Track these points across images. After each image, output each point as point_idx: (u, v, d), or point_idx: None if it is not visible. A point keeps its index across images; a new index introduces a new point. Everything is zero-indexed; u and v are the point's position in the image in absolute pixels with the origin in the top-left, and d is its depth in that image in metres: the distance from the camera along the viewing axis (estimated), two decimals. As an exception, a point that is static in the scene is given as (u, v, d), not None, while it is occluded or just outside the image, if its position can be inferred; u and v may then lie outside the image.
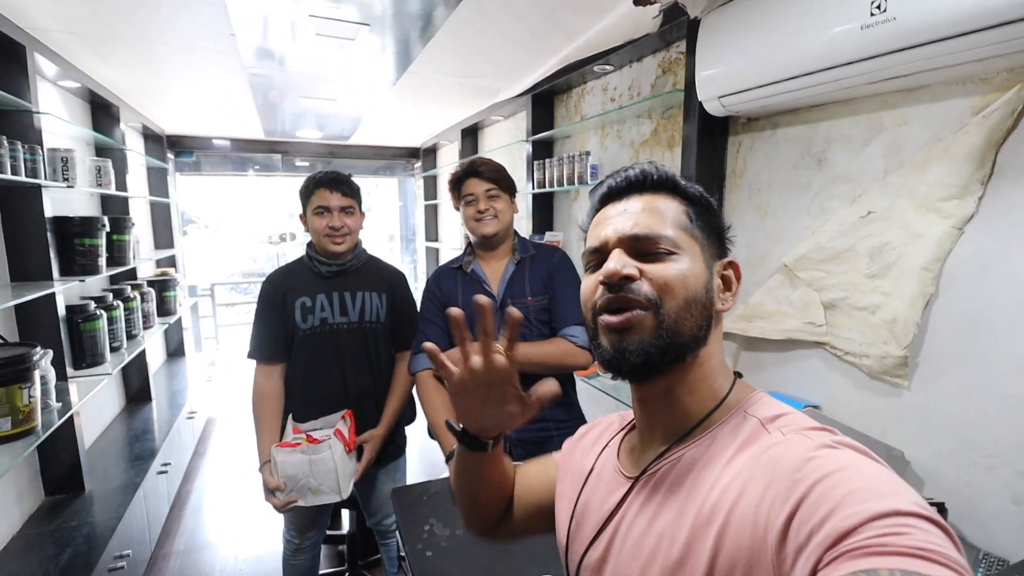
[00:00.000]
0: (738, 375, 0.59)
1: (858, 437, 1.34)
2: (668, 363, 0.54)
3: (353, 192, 1.62)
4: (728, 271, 0.59)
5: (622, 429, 0.67)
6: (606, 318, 0.55)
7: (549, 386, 0.58)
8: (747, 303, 1.67)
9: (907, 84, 1.20)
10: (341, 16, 1.84)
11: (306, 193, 1.61)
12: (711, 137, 1.74)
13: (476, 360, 0.56)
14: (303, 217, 1.65)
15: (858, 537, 0.37)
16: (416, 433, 1.91)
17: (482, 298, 0.54)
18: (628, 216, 0.57)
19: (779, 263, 1.58)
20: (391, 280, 1.73)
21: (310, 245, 1.67)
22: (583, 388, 2.32)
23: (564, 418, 1.56)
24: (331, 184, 1.58)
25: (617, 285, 0.54)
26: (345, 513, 2.35)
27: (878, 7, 1.03)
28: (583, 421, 1.59)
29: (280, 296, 1.62)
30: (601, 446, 0.67)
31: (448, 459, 1.42)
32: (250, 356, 1.65)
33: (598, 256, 0.58)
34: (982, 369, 1.16)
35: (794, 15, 1.23)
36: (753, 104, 1.47)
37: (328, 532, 2.15)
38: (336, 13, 1.81)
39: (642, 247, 0.55)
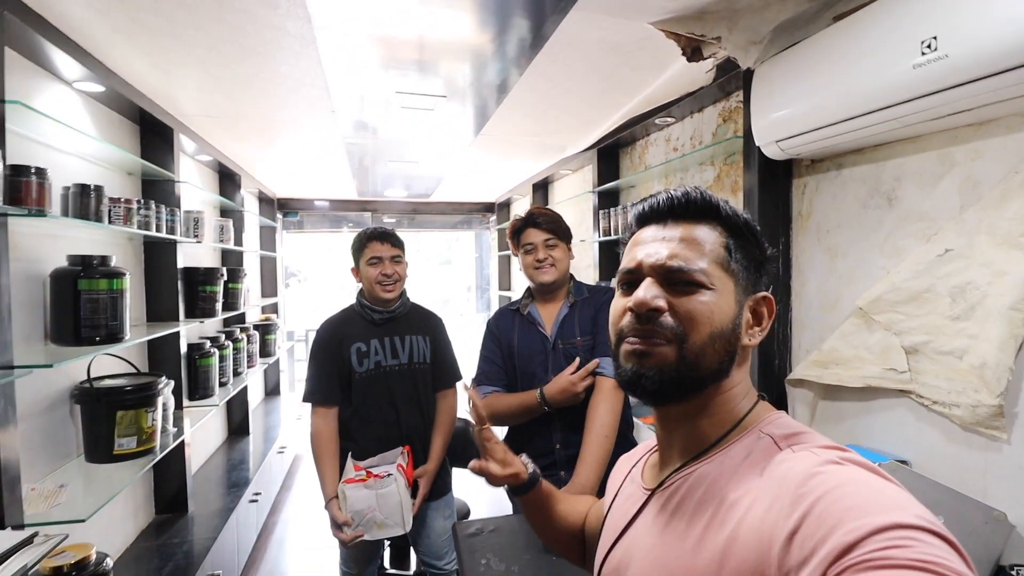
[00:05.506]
0: (761, 397, 0.60)
1: (953, 497, 1.21)
2: (684, 393, 0.55)
3: (399, 243, 1.79)
4: (761, 306, 0.59)
5: (650, 449, 0.70)
6: (630, 341, 0.57)
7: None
8: (821, 349, 1.59)
9: (976, 117, 1.16)
10: (421, 90, 2.09)
11: (359, 247, 1.78)
12: (774, 181, 1.74)
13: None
14: (355, 270, 1.81)
15: (860, 551, 0.37)
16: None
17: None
18: (665, 244, 0.57)
19: (852, 306, 1.50)
20: (433, 324, 1.87)
21: (360, 293, 1.82)
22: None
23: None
24: (381, 237, 1.75)
25: (645, 316, 0.55)
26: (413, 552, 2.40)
27: (928, 46, 1.03)
28: None
29: (336, 342, 1.74)
30: (631, 465, 0.71)
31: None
32: (306, 399, 1.76)
33: (630, 277, 0.59)
34: (1095, 421, 1.03)
35: (843, 60, 1.25)
36: (813, 146, 1.47)
37: (394, 571, 2.19)
38: (417, 88, 2.06)
39: (674, 278, 0.55)
